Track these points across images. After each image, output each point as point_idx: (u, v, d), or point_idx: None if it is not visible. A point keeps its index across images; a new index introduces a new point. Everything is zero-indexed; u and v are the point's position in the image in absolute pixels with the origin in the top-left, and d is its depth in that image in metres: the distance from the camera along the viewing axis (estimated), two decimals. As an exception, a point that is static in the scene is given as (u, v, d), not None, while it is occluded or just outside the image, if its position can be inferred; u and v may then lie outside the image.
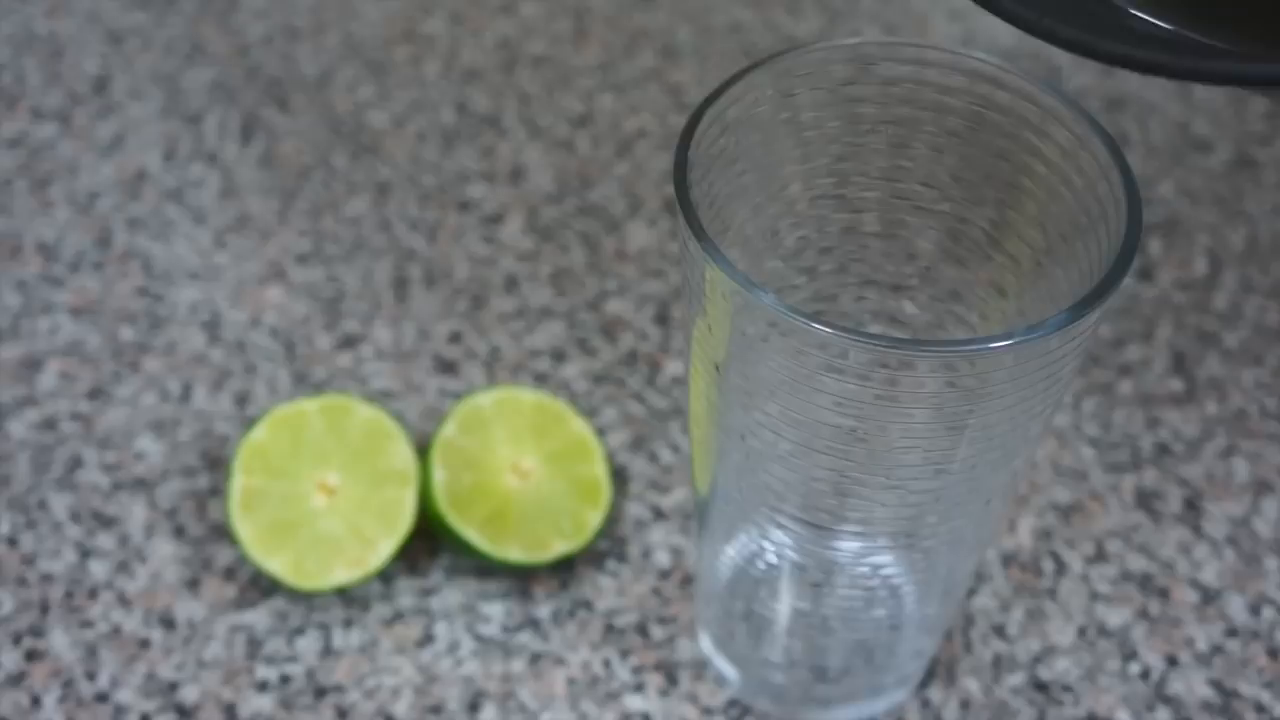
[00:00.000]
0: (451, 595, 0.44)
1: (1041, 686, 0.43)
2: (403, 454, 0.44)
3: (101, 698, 0.42)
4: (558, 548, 0.44)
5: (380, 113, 0.59)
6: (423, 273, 0.53)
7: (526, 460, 0.45)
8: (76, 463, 0.47)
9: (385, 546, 0.43)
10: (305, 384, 0.49)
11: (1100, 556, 0.46)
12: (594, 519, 0.44)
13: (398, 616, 0.44)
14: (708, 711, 0.42)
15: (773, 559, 0.37)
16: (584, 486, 0.45)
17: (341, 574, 0.43)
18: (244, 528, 0.43)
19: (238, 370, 0.50)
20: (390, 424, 0.44)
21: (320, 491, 0.43)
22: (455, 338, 0.51)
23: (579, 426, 0.46)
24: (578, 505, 0.44)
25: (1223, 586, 0.45)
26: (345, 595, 0.44)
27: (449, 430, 0.45)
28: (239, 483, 0.43)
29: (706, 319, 0.32)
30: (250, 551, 0.43)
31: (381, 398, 0.49)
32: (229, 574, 0.45)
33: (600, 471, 0.45)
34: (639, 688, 0.43)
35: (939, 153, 0.35)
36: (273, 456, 0.44)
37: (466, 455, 0.44)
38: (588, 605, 0.44)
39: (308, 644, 0.43)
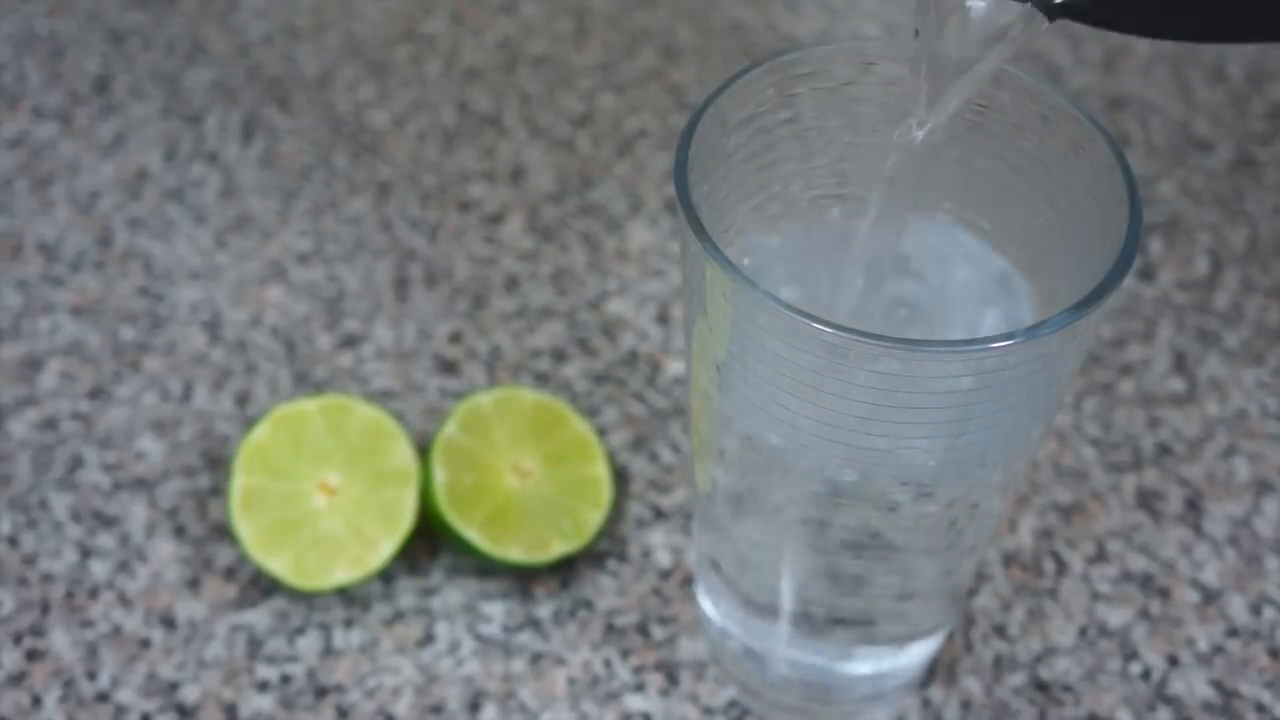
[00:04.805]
0: (452, 595, 0.44)
1: (1042, 686, 0.43)
2: (403, 454, 0.44)
3: (102, 697, 0.42)
4: (558, 548, 0.44)
5: (381, 112, 0.59)
6: (423, 272, 0.53)
7: (527, 460, 0.45)
8: (77, 462, 0.47)
9: (386, 546, 0.43)
10: (306, 384, 0.49)
11: (1101, 556, 0.46)
12: (595, 519, 0.44)
13: (398, 616, 0.44)
14: (709, 711, 0.42)
15: (773, 556, 0.37)
16: (585, 487, 0.45)
17: (342, 574, 0.43)
18: (244, 527, 0.43)
19: (238, 370, 0.50)
20: (391, 424, 0.44)
21: (321, 491, 0.43)
22: (456, 338, 0.51)
23: (580, 426, 0.46)
24: (578, 505, 0.44)
25: (1224, 586, 0.45)
26: (346, 595, 0.44)
27: (450, 430, 0.45)
28: (239, 482, 0.43)
29: (707, 319, 0.32)
30: (251, 551, 0.43)
31: (382, 397, 0.49)
32: (229, 574, 0.45)
33: (601, 472, 0.45)
34: (640, 688, 0.43)
35: (939, 152, 0.35)
36: (273, 456, 0.44)
37: (467, 455, 0.44)
38: (588, 605, 0.44)
39: (308, 644, 0.43)
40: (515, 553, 0.43)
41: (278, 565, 0.43)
